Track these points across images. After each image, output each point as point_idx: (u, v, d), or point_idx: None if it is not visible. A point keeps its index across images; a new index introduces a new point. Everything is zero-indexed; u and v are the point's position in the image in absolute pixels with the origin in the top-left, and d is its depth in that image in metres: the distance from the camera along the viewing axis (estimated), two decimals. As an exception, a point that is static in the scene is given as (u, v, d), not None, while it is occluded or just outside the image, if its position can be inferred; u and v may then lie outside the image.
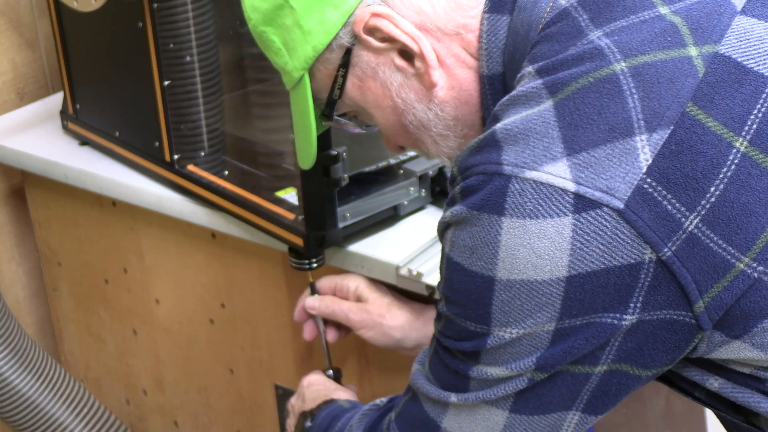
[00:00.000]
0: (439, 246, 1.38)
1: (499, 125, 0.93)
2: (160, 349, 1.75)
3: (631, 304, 0.90)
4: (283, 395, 1.61)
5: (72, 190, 1.68)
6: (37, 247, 1.86)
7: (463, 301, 0.95)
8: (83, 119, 1.68)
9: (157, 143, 1.53)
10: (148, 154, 1.56)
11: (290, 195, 1.44)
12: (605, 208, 0.88)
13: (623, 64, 0.91)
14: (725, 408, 1.00)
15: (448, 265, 0.96)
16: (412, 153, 1.46)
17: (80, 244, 1.76)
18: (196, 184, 1.50)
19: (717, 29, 0.93)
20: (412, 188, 1.43)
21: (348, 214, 1.38)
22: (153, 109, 1.50)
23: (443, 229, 0.97)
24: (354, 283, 1.39)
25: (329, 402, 1.29)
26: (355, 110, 1.12)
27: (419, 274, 1.33)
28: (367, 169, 1.42)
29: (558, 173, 0.89)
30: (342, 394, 1.34)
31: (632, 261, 0.88)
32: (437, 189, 1.46)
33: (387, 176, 1.44)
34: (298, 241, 1.37)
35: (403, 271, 1.34)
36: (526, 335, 0.93)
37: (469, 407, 0.99)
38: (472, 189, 0.92)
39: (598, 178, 0.88)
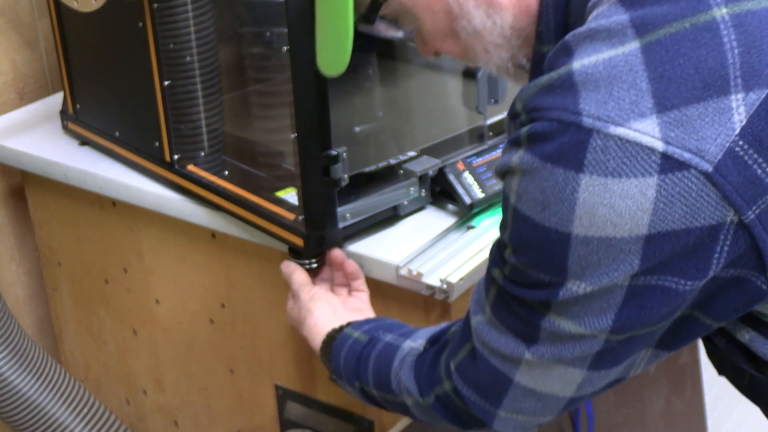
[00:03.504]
0: (439, 246, 1.39)
1: (576, 65, 0.86)
2: (160, 349, 1.75)
3: (711, 271, 0.87)
4: (283, 395, 1.61)
5: (72, 190, 1.68)
6: (37, 247, 1.86)
7: (535, 253, 0.91)
8: (83, 119, 1.68)
9: (157, 143, 1.53)
10: (148, 154, 1.56)
11: (290, 195, 1.44)
12: (693, 170, 0.83)
13: (724, 10, 0.84)
14: (740, 356, 0.99)
15: (515, 216, 0.91)
16: (412, 153, 1.46)
17: (80, 244, 1.76)
18: (196, 184, 1.50)
19: None
20: (412, 188, 1.43)
21: (348, 214, 1.38)
22: (153, 109, 1.50)
23: (505, 172, 0.91)
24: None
25: (334, 336, 1.26)
26: (396, 13, 1.05)
27: (419, 274, 1.33)
28: (367, 169, 1.42)
29: (647, 131, 0.83)
30: (339, 315, 1.31)
31: (714, 223, 0.85)
32: (437, 189, 1.46)
33: (387, 176, 1.44)
34: (298, 241, 1.37)
35: (403, 271, 1.34)
36: (600, 290, 0.89)
37: (544, 365, 0.97)
38: (542, 136, 0.86)
39: (689, 138, 0.83)
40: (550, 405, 1.01)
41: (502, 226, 0.95)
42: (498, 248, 0.97)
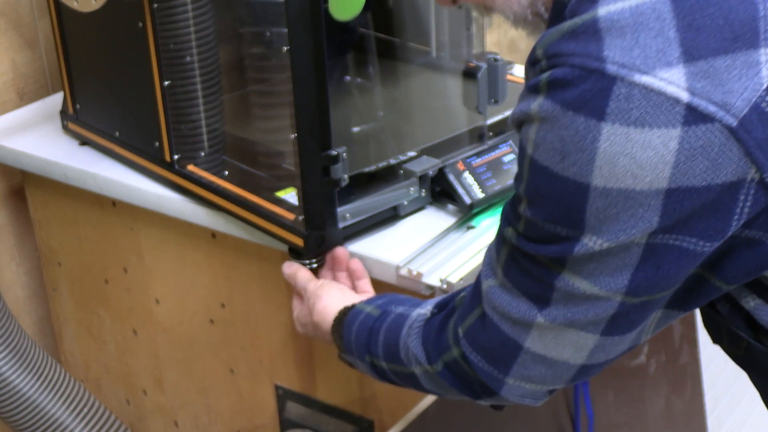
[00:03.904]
0: (439, 246, 1.39)
1: (602, 11, 0.84)
2: (160, 349, 1.75)
3: (729, 232, 0.86)
4: (283, 395, 1.61)
5: (72, 190, 1.68)
6: (37, 247, 1.86)
7: (552, 205, 0.89)
8: (83, 119, 1.68)
9: (157, 143, 1.53)
10: (148, 154, 1.56)
11: (290, 195, 1.44)
12: (717, 124, 0.82)
13: None
14: (741, 323, 0.98)
15: (532, 167, 0.89)
16: (412, 153, 1.46)
17: (80, 244, 1.76)
18: (196, 184, 1.50)
19: None
20: (412, 188, 1.43)
21: (348, 214, 1.38)
22: (153, 109, 1.50)
23: (522, 121, 0.89)
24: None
25: (346, 312, 1.24)
26: None
27: (419, 274, 1.33)
28: (367, 169, 1.42)
29: (673, 81, 0.81)
30: (349, 297, 1.29)
31: (734, 179, 0.83)
32: (437, 189, 1.46)
33: (387, 176, 1.44)
34: (298, 241, 1.37)
35: (403, 271, 1.34)
36: (617, 247, 0.87)
37: (555, 329, 0.95)
38: (563, 83, 0.84)
39: (715, 90, 0.81)
40: (560, 372, 1.00)
41: (518, 179, 0.93)
42: (512, 203, 0.96)
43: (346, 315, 1.25)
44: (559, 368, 0.99)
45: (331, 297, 1.30)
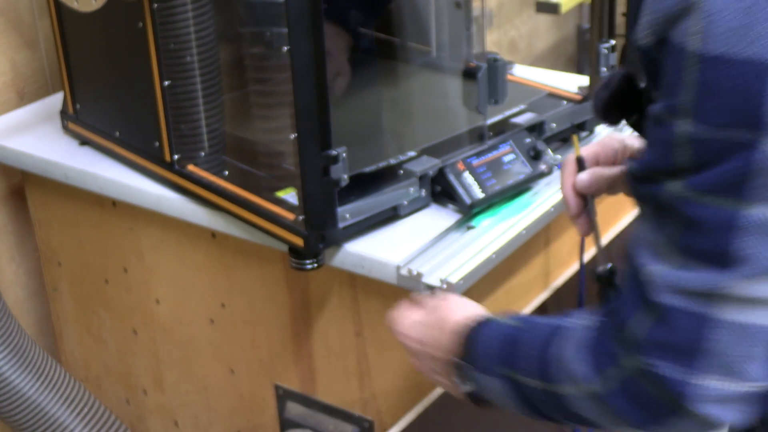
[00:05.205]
0: (439, 246, 1.39)
1: None
2: (160, 349, 1.75)
3: None
4: (283, 395, 1.61)
5: (72, 190, 1.68)
6: (37, 247, 1.86)
7: (726, 100, 0.79)
8: (83, 119, 1.68)
9: (157, 143, 1.53)
10: (148, 154, 1.56)
11: (290, 195, 1.44)
12: None
13: None
14: None
15: (700, 64, 0.80)
16: (412, 153, 1.46)
17: (80, 244, 1.76)
18: (196, 184, 1.50)
19: None
20: (412, 188, 1.43)
21: (348, 214, 1.38)
22: (153, 109, 1.50)
23: (677, 15, 0.81)
24: (618, 143, 1.15)
25: (483, 323, 1.08)
26: None
27: (419, 274, 1.33)
28: (367, 169, 1.42)
29: None
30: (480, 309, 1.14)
31: None
32: (437, 189, 1.46)
33: (387, 176, 1.44)
34: (299, 241, 1.37)
35: (403, 271, 1.34)
36: None
37: (752, 281, 0.82)
38: None
39: None
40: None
41: (671, 97, 0.83)
42: (664, 156, 0.85)
43: (481, 323, 1.09)
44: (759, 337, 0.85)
45: (466, 302, 1.17)
